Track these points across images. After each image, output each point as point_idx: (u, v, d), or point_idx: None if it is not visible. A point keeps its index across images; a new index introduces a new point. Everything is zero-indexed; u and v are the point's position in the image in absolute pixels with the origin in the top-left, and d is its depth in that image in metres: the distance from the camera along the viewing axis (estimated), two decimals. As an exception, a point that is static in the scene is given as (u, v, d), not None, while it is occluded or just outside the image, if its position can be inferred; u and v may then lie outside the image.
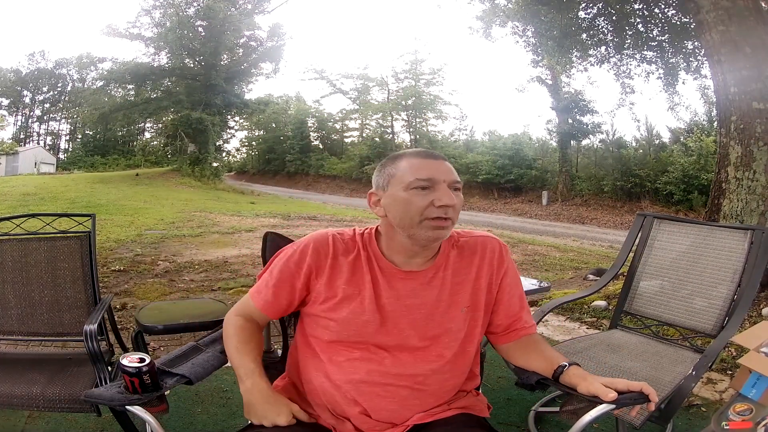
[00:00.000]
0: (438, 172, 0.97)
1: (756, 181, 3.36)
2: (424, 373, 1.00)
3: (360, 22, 69.68)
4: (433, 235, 0.96)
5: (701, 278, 1.86)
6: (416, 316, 1.01)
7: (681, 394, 1.40)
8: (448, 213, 0.95)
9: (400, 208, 0.97)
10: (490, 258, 1.07)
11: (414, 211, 0.95)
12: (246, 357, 1.02)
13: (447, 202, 0.94)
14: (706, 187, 12.07)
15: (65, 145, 36.90)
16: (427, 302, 1.02)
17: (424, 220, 0.95)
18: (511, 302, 1.09)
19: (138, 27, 21.66)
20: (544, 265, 5.92)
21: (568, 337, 2.72)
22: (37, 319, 1.75)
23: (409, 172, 0.97)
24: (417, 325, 1.01)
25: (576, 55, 7.67)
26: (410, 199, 0.95)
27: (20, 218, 1.85)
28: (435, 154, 1.01)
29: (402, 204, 0.96)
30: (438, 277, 1.03)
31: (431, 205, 0.95)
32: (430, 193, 0.95)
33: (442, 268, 1.04)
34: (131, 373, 0.92)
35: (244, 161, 37.26)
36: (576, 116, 17.46)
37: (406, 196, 0.96)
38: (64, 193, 13.38)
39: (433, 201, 0.95)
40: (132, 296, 3.81)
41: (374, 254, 1.03)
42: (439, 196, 0.95)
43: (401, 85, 26.13)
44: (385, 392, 0.98)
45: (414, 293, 1.02)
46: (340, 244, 1.04)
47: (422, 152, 1.02)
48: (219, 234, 7.46)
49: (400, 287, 1.02)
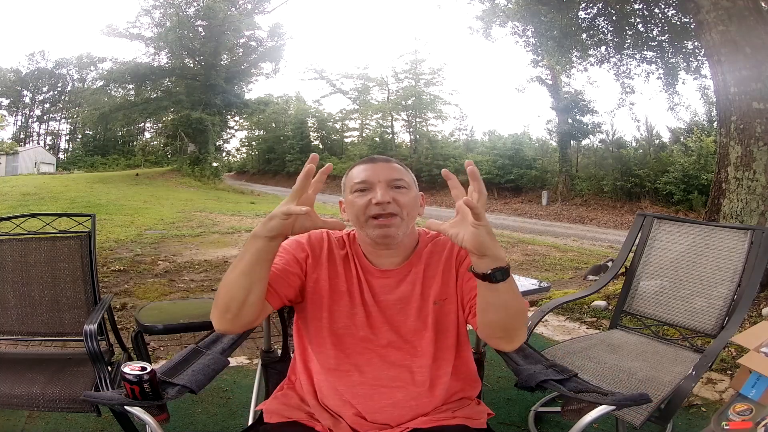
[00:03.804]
0: (374, 174, 1.04)
1: (756, 181, 3.36)
2: (412, 370, 1.02)
3: (360, 22, 69.77)
4: (380, 232, 1.01)
5: (701, 278, 1.86)
6: (393, 312, 1.04)
7: (681, 394, 1.40)
8: (387, 209, 1.01)
9: (350, 211, 1.05)
10: (458, 248, 1.05)
11: (358, 212, 1.03)
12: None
13: (380, 199, 1.00)
14: (706, 187, 12.08)
15: (65, 145, 37.01)
16: (403, 299, 1.05)
17: (368, 219, 1.02)
18: (471, 284, 1.03)
19: (138, 27, 21.72)
20: (544, 265, 5.92)
21: (568, 337, 2.72)
22: (37, 319, 1.75)
23: (351, 177, 1.07)
24: (396, 322, 1.04)
25: (576, 55, 7.68)
26: (353, 201, 1.04)
27: (20, 218, 1.85)
28: (375, 158, 1.09)
29: (349, 206, 1.05)
30: (412, 273, 1.06)
31: (369, 204, 1.02)
32: (368, 194, 1.03)
33: (415, 265, 1.07)
34: (132, 381, 0.92)
35: (244, 161, 37.30)
36: (576, 116, 17.47)
37: (351, 198, 1.05)
38: (64, 193, 13.38)
39: (371, 199, 1.02)
40: (132, 296, 3.81)
41: (356, 253, 1.10)
42: (375, 195, 1.01)
43: (401, 85, 26.17)
44: (379, 394, 1.00)
45: (389, 290, 1.06)
46: (334, 240, 1.11)
47: (366, 158, 1.10)
48: (219, 234, 7.47)
49: (377, 285, 1.06)
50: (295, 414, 1.04)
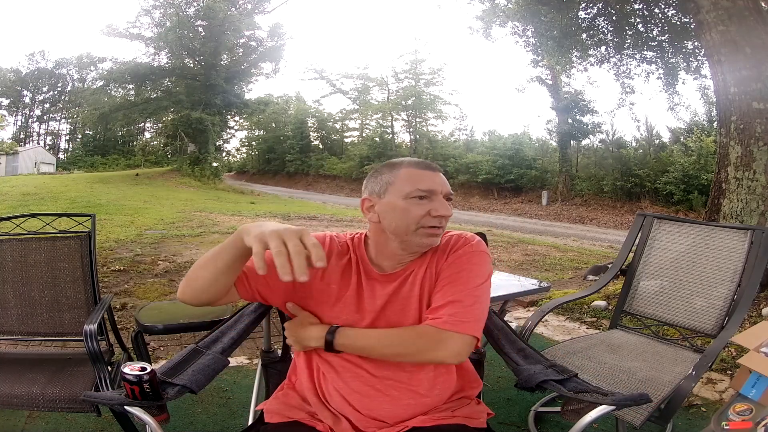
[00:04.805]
0: (436, 183, 1.02)
1: (756, 181, 3.36)
2: (411, 370, 1.02)
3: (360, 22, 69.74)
4: (427, 242, 1.02)
5: (701, 278, 1.86)
6: (393, 314, 1.04)
7: (681, 394, 1.40)
8: (442, 222, 1.02)
9: (398, 216, 1.01)
10: (444, 251, 1.06)
11: (411, 220, 1.00)
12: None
13: (443, 212, 1.00)
14: (706, 187, 12.08)
15: (65, 145, 37.02)
16: (401, 302, 1.04)
17: (419, 228, 1.00)
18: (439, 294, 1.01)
19: (138, 27, 21.72)
20: (544, 265, 5.92)
21: (568, 337, 2.72)
22: (37, 319, 1.75)
23: (409, 182, 1.01)
24: (395, 323, 1.03)
25: (576, 55, 7.68)
26: (409, 208, 1.00)
27: (20, 218, 1.85)
28: (433, 166, 1.06)
29: (400, 212, 1.00)
30: (412, 275, 1.05)
31: (428, 215, 1.00)
32: (427, 203, 1.00)
33: (417, 266, 1.06)
34: (132, 381, 0.92)
35: (244, 161, 37.28)
36: (576, 116, 17.47)
37: (404, 204, 1.00)
38: (64, 193, 13.38)
39: (430, 211, 1.00)
40: (132, 296, 3.81)
41: (361, 258, 1.07)
42: (436, 207, 1.00)
43: (401, 85, 26.17)
44: (378, 393, 1.00)
45: (390, 294, 1.04)
46: (336, 246, 1.08)
47: (422, 163, 1.06)
48: (219, 234, 7.46)
49: (378, 289, 1.05)
50: (296, 414, 1.04)
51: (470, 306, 0.99)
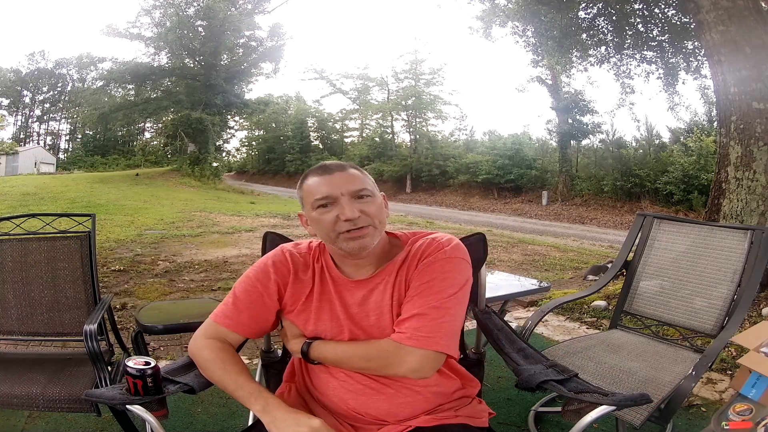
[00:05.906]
0: (333, 187, 0.97)
1: (756, 181, 3.35)
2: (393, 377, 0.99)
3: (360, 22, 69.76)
4: (355, 245, 0.96)
5: (701, 278, 1.86)
6: (370, 323, 1.01)
7: (681, 394, 1.40)
8: (358, 223, 0.95)
9: (317, 228, 1.00)
10: (415, 257, 1.02)
11: (327, 229, 0.97)
12: (242, 377, 0.97)
13: (349, 215, 0.94)
14: (706, 187, 12.06)
15: (65, 145, 37.04)
16: (376, 308, 1.01)
17: (338, 234, 0.96)
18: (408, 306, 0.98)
19: (138, 27, 21.73)
20: (544, 265, 5.92)
21: (568, 337, 2.72)
22: (37, 319, 1.75)
23: (309, 193, 0.99)
24: (371, 331, 1.01)
25: (576, 55, 7.67)
26: (319, 219, 0.97)
27: (20, 218, 1.85)
28: (329, 168, 1.00)
29: (315, 224, 0.99)
30: (383, 282, 1.02)
31: (338, 220, 0.96)
32: (334, 209, 0.96)
33: (388, 273, 1.02)
34: (135, 375, 0.93)
35: (244, 161, 37.31)
36: (576, 116, 17.44)
37: (315, 215, 0.98)
38: (64, 193, 13.38)
39: (339, 215, 0.95)
40: (132, 296, 3.81)
41: (327, 266, 1.05)
42: (341, 211, 0.95)
43: (401, 85, 26.11)
44: (371, 391, 1.00)
45: (364, 301, 1.02)
46: (298, 259, 1.06)
47: (318, 168, 1.02)
48: (219, 234, 7.47)
49: (348, 297, 1.03)
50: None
51: (437, 320, 0.94)
